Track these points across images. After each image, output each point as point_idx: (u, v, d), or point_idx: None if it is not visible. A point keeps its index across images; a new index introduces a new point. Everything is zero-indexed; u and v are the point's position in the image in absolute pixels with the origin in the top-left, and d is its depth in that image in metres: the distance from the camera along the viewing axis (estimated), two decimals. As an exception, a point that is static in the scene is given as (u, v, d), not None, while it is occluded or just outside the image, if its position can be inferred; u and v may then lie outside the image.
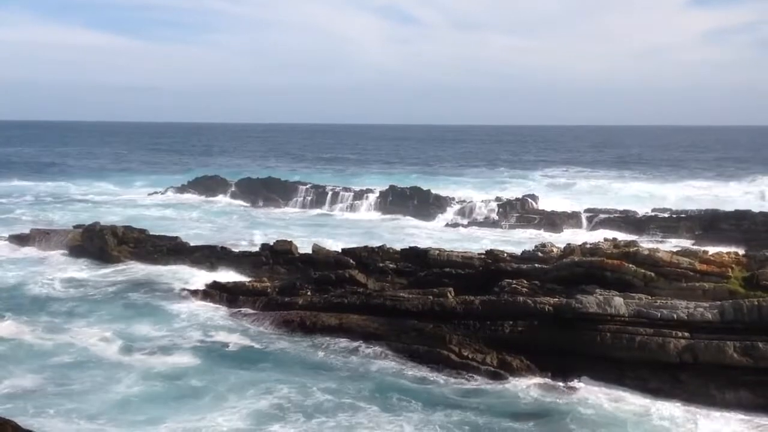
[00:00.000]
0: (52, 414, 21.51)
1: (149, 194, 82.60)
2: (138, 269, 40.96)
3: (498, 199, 66.61)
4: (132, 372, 25.01)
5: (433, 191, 70.01)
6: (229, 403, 22.66)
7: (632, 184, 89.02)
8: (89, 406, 22.20)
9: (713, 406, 22.64)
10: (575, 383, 24.34)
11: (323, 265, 37.00)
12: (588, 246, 32.25)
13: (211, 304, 33.69)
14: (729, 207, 59.51)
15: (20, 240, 47.52)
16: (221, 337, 29.19)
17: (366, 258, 36.82)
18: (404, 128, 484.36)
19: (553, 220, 58.65)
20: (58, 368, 25.17)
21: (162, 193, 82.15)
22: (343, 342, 28.27)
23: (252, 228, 58.06)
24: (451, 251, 36.22)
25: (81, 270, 40.78)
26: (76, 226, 49.65)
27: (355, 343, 28.00)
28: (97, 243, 43.38)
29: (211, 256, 41.41)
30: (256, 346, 28.28)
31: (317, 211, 69.87)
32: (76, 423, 21.04)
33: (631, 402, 23.12)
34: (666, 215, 56.98)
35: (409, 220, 63.34)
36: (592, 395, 23.47)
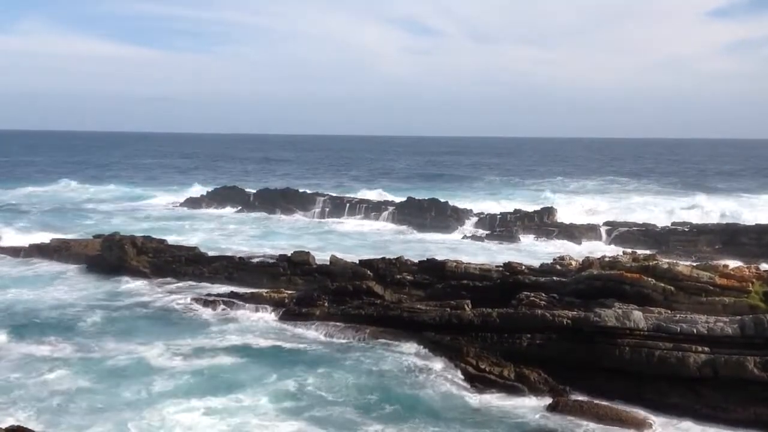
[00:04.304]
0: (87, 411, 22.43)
1: (168, 205, 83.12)
2: (158, 280, 41.31)
3: (516, 211, 66.32)
4: (166, 371, 25.86)
5: (451, 203, 69.84)
6: (254, 395, 23.83)
7: (649, 197, 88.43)
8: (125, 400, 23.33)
9: (732, 422, 22.31)
10: (593, 398, 24.10)
11: (341, 277, 37.04)
12: (607, 259, 32.06)
13: (231, 313, 33.94)
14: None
15: (40, 249, 47.95)
16: (243, 341, 29.61)
17: (383, 269, 36.81)
18: (423, 140, 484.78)
19: (572, 233, 58.34)
20: (102, 375, 25.71)
21: (181, 204, 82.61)
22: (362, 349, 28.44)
23: (270, 238, 58.26)
24: (469, 263, 36.15)
25: (103, 283, 40.96)
26: (96, 236, 50.08)
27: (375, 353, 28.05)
28: (116, 253, 43.63)
29: (229, 266, 41.58)
30: (276, 351, 28.59)
31: (335, 222, 69.88)
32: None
33: (649, 418, 22.88)
34: (686, 229, 56.44)
35: (427, 232, 63.10)
36: (609, 410, 23.21)
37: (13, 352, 27.99)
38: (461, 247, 54.88)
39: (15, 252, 48.69)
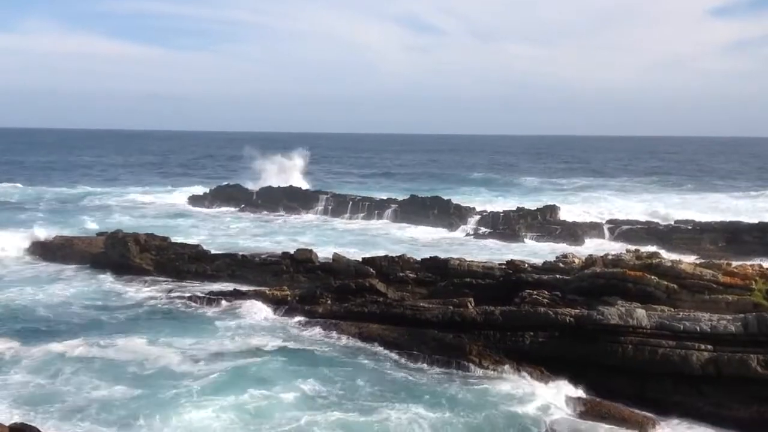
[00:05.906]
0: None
1: (171, 203, 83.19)
2: (161, 278, 41.32)
3: (519, 209, 66.22)
4: (173, 371, 25.85)
5: (453, 201, 69.85)
6: (266, 392, 23.88)
7: (652, 195, 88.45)
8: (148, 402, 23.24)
9: (735, 421, 22.29)
10: (596, 396, 24.10)
11: (343, 274, 37.12)
12: (610, 257, 32.06)
13: (234, 311, 33.87)
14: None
15: (44, 247, 48.02)
16: (248, 339, 29.55)
17: (386, 267, 36.87)
18: (424, 137, 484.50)
19: (575, 231, 58.27)
20: (112, 375, 25.63)
21: (184, 203, 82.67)
22: (367, 349, 28.50)
23: (273, 236, 58.33)
24: (472, 261, 36.19)
25: (106, 281, 40.97)
26: (99, 234, 50.21)
27: (379, 351, 28.11)
28: (119, 250, 43.70)
29: (232, 264, 41.64)
30: (282, 348, 28.56)
31: (338, 220, 69.92)
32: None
33: (651, 417, 22.86)
34: (689, 227, 56.40)
35: (430, 230, 63.14)
36: (612, 408, 23.21)
37: (25, 353, 27.67)
38: (464, 245, 54.88)
39: (18, 249, 48.76)
